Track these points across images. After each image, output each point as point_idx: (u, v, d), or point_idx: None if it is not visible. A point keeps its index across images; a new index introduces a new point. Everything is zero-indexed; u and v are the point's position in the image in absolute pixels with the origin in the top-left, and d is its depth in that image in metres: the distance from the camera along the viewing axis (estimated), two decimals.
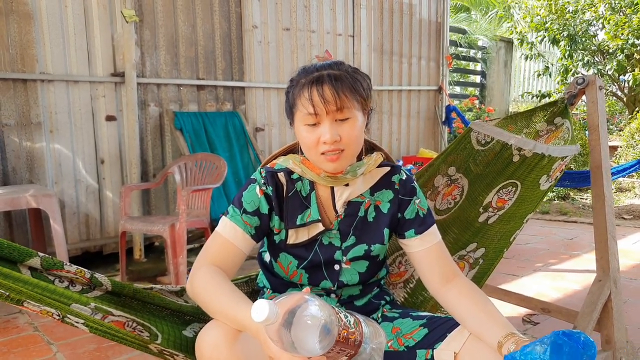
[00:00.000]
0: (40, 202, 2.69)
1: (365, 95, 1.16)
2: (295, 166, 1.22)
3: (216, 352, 0.97)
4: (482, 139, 1.79)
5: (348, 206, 1.23)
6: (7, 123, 3.13)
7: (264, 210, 1.18)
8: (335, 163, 1.13)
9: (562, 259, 3.25)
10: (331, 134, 1.10)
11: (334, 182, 1.20)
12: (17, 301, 0.97)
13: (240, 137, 3.96)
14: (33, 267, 1.12)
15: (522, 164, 1.65)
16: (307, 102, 1.10)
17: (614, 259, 1.71)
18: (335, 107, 1.09)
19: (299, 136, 1.16)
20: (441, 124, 5.80)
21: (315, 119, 1.11)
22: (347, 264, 1.22)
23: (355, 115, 1.13)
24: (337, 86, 1.10)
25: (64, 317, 1.01)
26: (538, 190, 1.61)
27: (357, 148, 1.17)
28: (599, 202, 1.76)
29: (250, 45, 4.16)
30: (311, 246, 1.21)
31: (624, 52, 6.47)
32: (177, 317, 1.31)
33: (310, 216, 1.20)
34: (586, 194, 5.63)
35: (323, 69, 1.14)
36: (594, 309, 1.63)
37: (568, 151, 1.58)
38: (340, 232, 1.22)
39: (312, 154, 1.15)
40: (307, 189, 1.23)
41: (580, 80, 1.82)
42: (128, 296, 1.24)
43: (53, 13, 3.23)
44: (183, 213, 2.83)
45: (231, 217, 1.17)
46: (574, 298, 2.51)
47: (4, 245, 1.07)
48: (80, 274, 1.16)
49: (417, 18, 5.54)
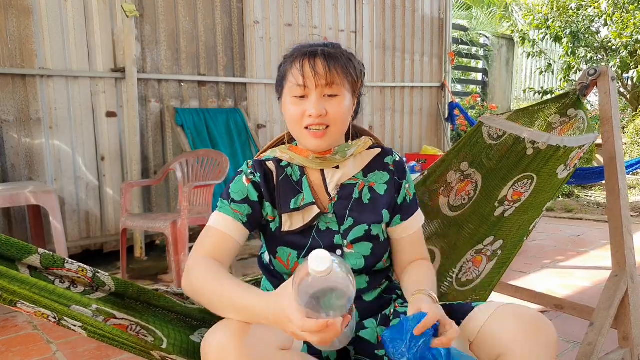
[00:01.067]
0: (39, 199, 2.64)
1: (357, 76, 1.15)
2: (283, 154, 1.21)
3: (223, 353, 0.91)
4: (493, 133, 1.74)
5: (341, 189, 1.20)
6: (6, 119, 3.08)
7: (253, 197, 1.16)
8: (320, 140, 1.12)
9: (570, 256, 3.21)
10: (317, 107, 1.09)
11: (323, 163, 1.18)
12: (9, 302, 0.90)
13: (242, 134, 3.91)
14: (32, 266, 1.05)
15: (537, 156, 1.60)
16: (297, 73, 1.10)
17: (631, 254, 1.66)
18: (325, 81, 1.09)
19: (285, 110, 1.16)
20: (444, 121, 5.75)
21: (304, 92, 1.11)
22: (349, 248, 1.18)
23: (344, 94, 1.12)
24: (329, 61, 1.10)
25: (60, 320, 0.95)
26: (556, 180, 1.57)
27: (343, 127, 1.16)
28: (614, 195, 1.71)
29: (252, 41, 4.12)
30: (308, 233, 1.18)
31: (627, 49, 6.42)
32: (183, 322, 1.25)
33: (303, 200, 1.17)
34: (591, 191, 5.59)
35: (318, 46, 1.14)
36: (611, 305, 1.58)
37: (585, 140, 1.53)
38: (337, 215, 1.19)
39: (296, 128, 1.14)
40: (298, 174, 1.21)
41: (592, 71, 1.77)
42: (132, 298, 1.18)
43: (52, 7, 3.18)
44: (185, 210, 2.78)
45: (220, 209, 1.15)
46: (585, 295, 2.46)
47: (2, 241, 1.00)
48: (82, 273, 1.10)
49: (419, 14, 5.49)
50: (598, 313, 1.58)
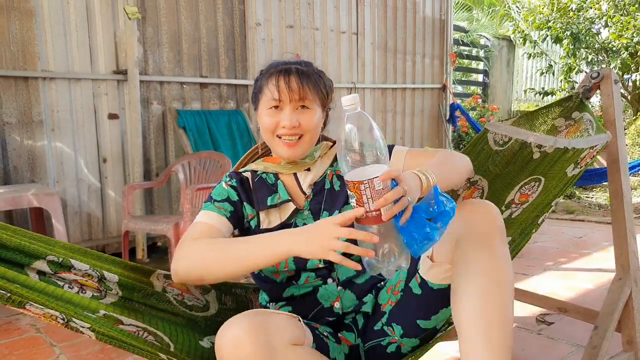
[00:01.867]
0: (42, 201, 2.64)
1: (326, 92, 1.27)
2: (257, 165, 1.32)
3: (238, 349, 0.90)
4: (499, 140, 1.74)
5: (315, 186, 1.29)
6: (8, 121, 3.09)
7: (234, 197, 1.26)
8: (292, 149, 1.22)
9: (572, 258, 3.20)
10: (290, 119, 1.19)
11: (295, 167, 1.28)
12: (18, 303, 0.90)
13: (244, 136, 3.91)
14: (41, 271, 1.06)
15: (544, 160, 1.61)
16: (273, 88, 1.20)
17: (634, 257, 1.66)
18: (298, 96, 1.20)
19: (261, 120, 1.25)
20: (445, 123, 5.75)
21: (279, 104, 1.21)
22: None
23: (314, 108, 1.23)
24: (302, 79, 1.20)
25: (69, 322, 0.94)
26: (565, 178, 1.57)
27: (314, 136, 1.26)
28: (617, 198, 1.71)
29: (253, 43, 4.12)
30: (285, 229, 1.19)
31: (628, 51, 6.42)
32: (190, 328, 1.25)
33: (279, 198, 1.26)
34: (592, 192, 5.58)
35: (292, 64, 1.25)
36: (615, 308, 1.58)
37: (597, 140, 1.53)
38: (312, 212, 1.26)
39: (270, 137, 1.24)
40: (273, 178, 1.31)
41: (594, 74, 1.77)
42: (138, 302, 1.19)
43: (55, 10, 3.19)
44: (187, 212, 2.78)
45: (204, 209, 1.23)
46: (588, 297, 2.46)
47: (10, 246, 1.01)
48: (89, 278, 1.11)
49: (420, 15, 5.49)
50: (602, 317, 1.58)
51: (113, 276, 1.17)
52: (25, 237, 1.07)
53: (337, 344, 1.18)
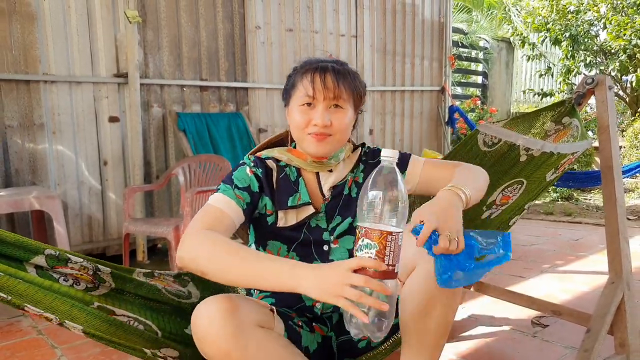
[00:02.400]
0: (43, 204, 2.67)
1: (361, 93, 1.26)
2: (282, 155, 1.29)
3: (210, 326, 0.97)
4: (488, 141, 1.77)
5: (334, 189, 1.29)
6: (10, 124, 3.11)
7: (255, 188, 1.22)
8: (321, 144, 1.20)
9: (569, 260, 3.23)
10: (323, 118, 1.18)
11: (319, 167, 1.27)
12: (18, 305, 0.97)
13: (244, 138, 3.94)
14: (39, 265, 1.12)
15: (530, 163, 1.64)
16: (308, 84, 1.19)
17: (627, 261, 1.69)
18: (333, 95, 1.18)
19: (292, 116, 1.24)
20: (444, 125, 5.78)
21: (312, 101, 1.19)
22: (335, 243, 1.28)
23: (347, 109, 1.22)
24: (338, 77, 1.19)
25: (62, 323, 1.00)
26: (544, 182, 1.61)
27: (344, 137, 1.24)
28: (610, 203, 1.74)
29: (253, 46, 4.15)
30: (300, 229, 1.26)
31: (626, 53, 6.45)
32: (178, 316, 1.31)
33: (300, 199, 1.26)
34: (590, 194, 5.61)
35: (328, 62, 1.24)
36: (607, 311, 1.61)
37: (579, 147, 1.57)
38: (327, 215, 1.28)
39: (300, 133, 1.22)
40: (295, 174, 1.29)
41: (589, 80, 1.80)
42: (131, 293, 1.26)
43: (56, 14, 3.21)
44: (187, 215, 2.81)
45: (223, 191, 1.18)
46: (584, 300, 2.48)
47: (10, 242, 1.07)
48: (84, 271, 1.17)
49: (419, 18, 5.52)
50: (595, 320, 1.60)
51: (106, 268, 1.23)
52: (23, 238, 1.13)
53: (310, 332, 1.23)
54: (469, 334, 2.13)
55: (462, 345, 2.03)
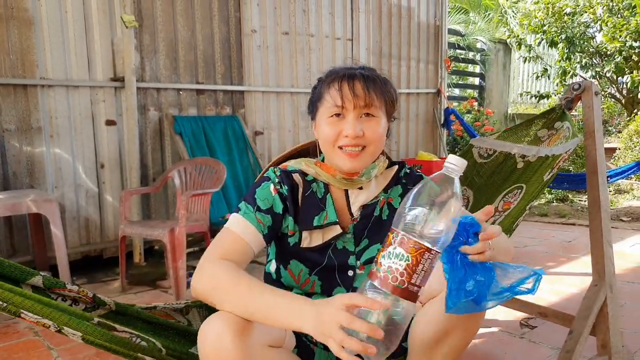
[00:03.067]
0: (40, 207, 2.70)
1: (393, 99, 1.17)
2: (309, 167, 1.20)
3: (218, 342, 0.92)
4: (484, 153, 1.81)
5: (364, 209, 1.20)
6: (7, 128, 3.15)
7: (278, 209, 1.15)
8: (355, 160, 1.12)
9: (561, 262, 3.27)
10: (354, 128, 1.09)
11: (349, 184, 1.18)
12: (14, 313, 0.96)
13: (240, 141, 3.97)
14: (36, 286, 1.11)
15: (527, 168, 1.68)
16: (336, 94, 1.10)
17: (610, 264, 1.72)
18: (364, 103, 1.10)
19: (320, 129, 1.15)
20: (440, 127, 5.81)
21: (341, 111, 1.11)
22: (361, 269, 1.19)
23: (380, 116, 1.14)
24: (368, 83, 1.11)
25: (61, 330, 0.98)
26: (542, 183, 1.65)
27: (379, 148, 1.16)
28: (595, 207, 1.78)
29: (249, 50, 4.18)
30: (325, 251, 1.18)
31: (622, 54, 6.49)
32: (183, 337, 1.28)
33: (327, 218, 1.17)
34: (584, 196, 5.64)
35: (356, 69, 1.15)
36: (590, 313, 1.64)
37: (571, 144, 1.61)
38: (354, 236, 1.19)
39: (330, 148, 1.13)
40: (322, 191, 1.20)
41: (576, 86, 1.84)
42: (132, 316, 1.23)
43: (53, 19, 3.25)
44: (183, 217, 2.84)
45: (244, 213, 1.12)
46: (572, 302, 2.52)
47: (5, 264, 1.07)
48: (82, 293, 1.15)
49: (415, 21, 5.56)
50: (577, 322, 1.64)
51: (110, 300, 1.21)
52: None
53: (324, 350, 1.20)
54: None
55: None
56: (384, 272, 0.83)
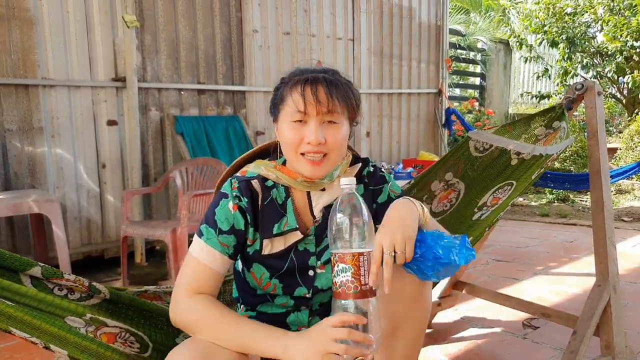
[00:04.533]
0: (42, 207, 2.70)
1: (356, 105, 1.16)
2: (269, 172, 1.18)
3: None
4: (480, 147, 1.81)
5: (326, 210, 1.19)
6: (9, 128, 3.15)
7: (240, 226, 1.13)
8: (317, 167, 1.12)
9: (562, 262, 3.26)
10: (316, 135, 1.08)
11: (311, 187, 1.17)
12: (4, 329, 0.97)
13: (241, 141, 3.97)
14: (34, 276, 1.13)
15: (520, 165, 1.68)
16: (298, 99, 1.09)
17: (613, 264, 1.72)
18: (327, 109, 1.09)
19: (281, 134, 1.14)
20: (441, 127, 5.81)
21: (303, 117, 1.10)
22: (321, 268, 1.19)
23: (342, 122, 1.13)
24: (331, 89, 1.10)
25: (48, 347, 1.00)
26: (530, 181, 1.66)
27: (340, 155, 1.16)
28: (598, 208, 1.78)
29: (250, 50, 4.18)
30: (286, 255, 1.18)
31: (623, 54, 6.49)
32: (171, 326, 1.29)
33: (287, 224, 1.17)
34: (586, 196, 5.64)
35: (319, 72, 1.14)
36: (593, 314, 1.64)
37: (563, 145, 1.62)
38: (316, 237, 1.19)
39: (292, 153, 1.13)
40: (283, 195, 1.19)
41: (579, 86, 1.83)
42: (125, 304, 1.25)
43: (55, 19, 3.25)
44: (184, 218, 2.84)
45: (207, 239, 1.10)
46: (574, 302, 2.52)
47: (6, 256, 1.09)
48: (79, 282, 1.18)
49: (416, 21, 5.56)
50: (581, 322, 1.64)
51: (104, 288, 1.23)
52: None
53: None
54: (460, 336, 2.17)
55: (452, 346, 2.06)
56: (339, 287, 0.99)
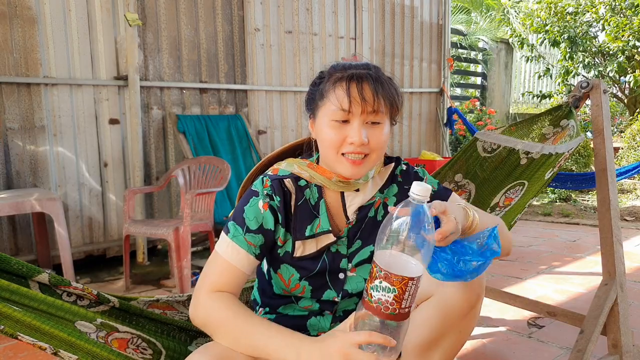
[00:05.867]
0: (44, 206, 2.69)
1: (399, 103, 1.11)
2: (302, 170, 1.14)
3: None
4: (488, 147, 1.80)
5: (360, 211, 1.16)
6: (11, 127, 3.14)
7: (269, 225, 1.10)
8: (358, 167, 1.07)
9: (566, 262, 3.26)
10: (360, 136, 1.03)
11: (345, 187, 1.13)
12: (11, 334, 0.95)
13: (243, 140, 3.96)
14: (42, 283, 1.11)
15: (530, 165, 1.67)
16: (343, 97, 1.03)
17: (620, 263, 1.71)
18: (372, 109, 1.04)
19: (322, 132, 1.08)
20: (443, 126, 5.80)
21: (347, 116, 1.04)
22: (352, 271, 1.16)
23: (385, 122, 1.08)
24: (377, 88, 1.04)
25: (57, 352, 0.97)
26: (542, 181, 1.65)
27: (381, 156, 1.12)
28: (604, 206, 1.77)
29: (252, 48, 4.17)
30: (318, 257, 1.14)
31: (624, 54, 6.48)
32: (184, 333, 1.28)
33: (319, 226, 1.13)
34: (588, 195, 5.63)
35: (362, 68, 1.08)
36: (601, 313, 1.63)
37: (574, 144, 1.61)
38: (349, 239, 1.16)
39: (332, 153, 1.08)
40: (316, 196, 1.15)
41: (584, 84, 1.83)
42: (135, 313, 1.23)
43: (57, 17, 3.24)
44: (187, 216, 2.83)
45: (233, 237, 1.07)
46: (579, 301, 2.51)
47: (13, 262, 1.07)
48: (87, 290, 1.16)
49: (418, 20, 5.55)
50: (588, 321, 1.63)
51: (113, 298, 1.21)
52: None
53: None
54: None
55: None
56: (375, 303, 0.87)
